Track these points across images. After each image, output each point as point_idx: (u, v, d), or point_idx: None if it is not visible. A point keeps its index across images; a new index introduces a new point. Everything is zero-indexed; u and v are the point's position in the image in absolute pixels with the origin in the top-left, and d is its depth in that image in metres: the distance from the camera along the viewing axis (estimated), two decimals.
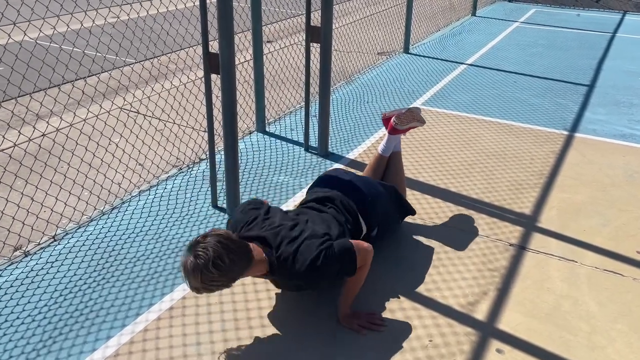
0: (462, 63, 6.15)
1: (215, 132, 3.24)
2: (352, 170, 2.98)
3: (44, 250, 2.78)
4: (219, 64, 2.81)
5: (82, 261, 2.69)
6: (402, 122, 2.97)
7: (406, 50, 6.60)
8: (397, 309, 2.40)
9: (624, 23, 8.55)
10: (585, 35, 7.59)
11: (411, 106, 3.09)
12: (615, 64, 6.20)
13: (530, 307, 2.42)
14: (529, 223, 3.06)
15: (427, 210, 3.16)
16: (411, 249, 2.83)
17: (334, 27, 3.66)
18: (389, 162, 3.02)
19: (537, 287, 2.54)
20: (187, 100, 4.18)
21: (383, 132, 4.24)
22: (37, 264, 2.68)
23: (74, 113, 3.74)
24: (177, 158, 3.85)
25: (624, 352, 2.18)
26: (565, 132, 4.31)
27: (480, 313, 2.38)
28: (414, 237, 2.92)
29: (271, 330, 2.27)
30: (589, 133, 4.30)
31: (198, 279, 1.92)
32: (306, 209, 2.50)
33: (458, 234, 2.95)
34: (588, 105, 4.91)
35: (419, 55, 6.48)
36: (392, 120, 2.97)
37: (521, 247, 2.84)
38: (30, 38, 2.98)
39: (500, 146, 4.03)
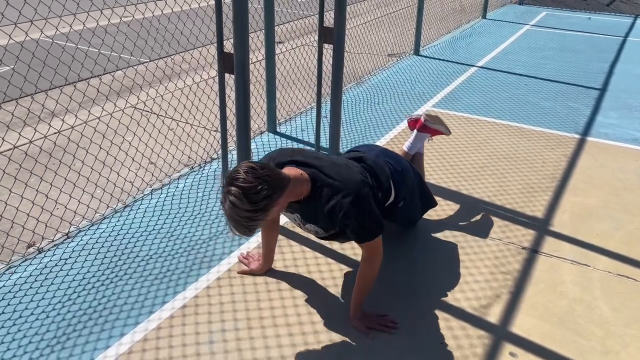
0: (472, 65, 6.14)
1: (227, 131, 3.25)
2: None
3: (57, 248, 2.81)
4: (233, 64, 2.82)
5: (95, 259, 2.71)
6: (431, 120, 3.06)
7: (417, 52, 6.60)
8: (409, 311, 2.40)
9: (636, 27, 8.50)
10: (596, 39, 7.56)
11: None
12: (627, 68, 6.17)
13: (543, 311, 2.41)
14: (541, 226, 3.05)
15: (439, 213, 3.16)
16: (423, 251, 2.82)
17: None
18: (411, 163, 3.04)
19: (549, 291, 2.54)
20: (199, 99, 4.20)
21: (394, 133, 4.25)
22: (50, 260, 2.70)
23: (89, 111, 3.77)
24: (189, 157, 3.86)
25: (637, 357, 2.17)
26: (577, 136, 4.29)
27: (493, 316, 2.37)
28: (426, 239, 2.92)
29: (284, 329, 2.27)
30: (600, 137, 4.28)
31: (237, 217, 1.87)
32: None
33: (470, 236, 2.95)
34: (600, 109, 4.89)
35: (430, 57, 6.47)
36: (422, 118, 3.05)
37: (533, 251, 2.83)
38: (47, 36, 3.01)
39: (511, 149, 4.02)
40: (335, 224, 2.16)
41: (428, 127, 3.01)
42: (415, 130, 3.13)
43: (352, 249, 2.79)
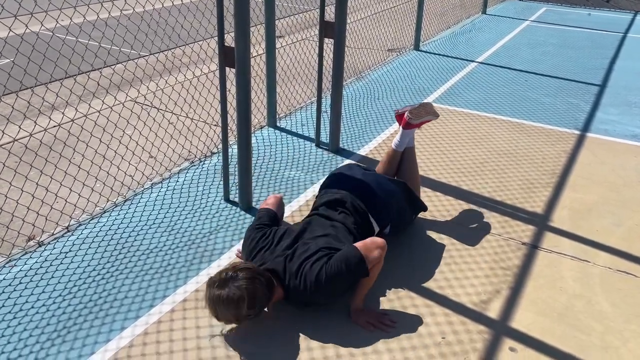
0: (472, 61, 6.14)
1: (227, 126, 3.25)
2: (364, 166, 2.98)
3: (57, 241, 2.80)
4: (234, 57, 2.81)
5: (96, 252, 2.71)
6: (416, 116, 2.98)
7: (417, 47, 6.59)
8: (409, 305, 2.41)
9: (635, 23, 8.50)
10: (596, 35, 7.55)
11: (423, 101, 3.12)
12: (627, 65, 6.17)
13: (543, 307, 2.42)
14: (541, 222, 3.05)
15: (439, 208, 3.16)
16: (423, 246, 2.83)
17: None
18: (403, 158, 3.02)
19: (549, 287, 2.54)
20: (199, 93, 4.19)
21: (394, 128, 4.24)
22: (50, 254, 2.70)
23: (89, 104, 3.76)
24: (189, 151, 3.86)
25: (637, 353, 2.18)
26: (577, 132, 4.29)
27: (493, 311, 2.38)
28: (426, 234, 2.93)
29: (284, 323, 2.28)
30: (600, 133, 4.29)
31: (233, 312, 2.08)
32: (315, 217, 2.56)
33: (470, 232, 2.95)
34: (600, 105, 4.89)
35: (430, 53, 6.46)
36: (405, 115, 2.98)
37: (533, 246, 2.84)
38: (47, 29, 2.99)
39: (511, 145, 4.03)
40: (327, 294, 2.26)
41: (412, 124, 2.98)
42: (400, 127, 3.08)
43: None
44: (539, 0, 10.19)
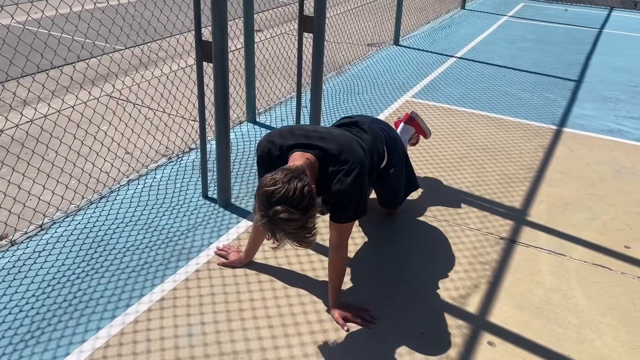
0: (451, 56, 6.16)
1: (205, 121, 3.20)
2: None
3: (30, 240, 2.74)
4: (211, 52, 2.77)
5: (71, 251, 2.65)
6: (418, 115, 3.25)
7: (396, 42, 6.59)
8: (389, 301, 2.41)
9: (611, 19, 8.63)
10: (573, 31, 7.64)
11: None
12: (603, 60, 6.26)
13: (521, 301, 2.44)
14: (518, 217, 3.08)
15: (419, 203, 3.17)
16: (402, 242, 2.83)
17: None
18: None
19: (527, 281, 2.57)
20: (177, 88, 4.13)
21: None
22: (24, 253, 2.63)
23: (62, 100, 3.67)
24: (166, 147, 3.80)
25: (612, 345, 2.22)
26: (554, 127, 4.34)
27: (472, 306, 2.39)
28: (404, 230, 2.93)
29: (263, 321, 2.26)
30: (577, 128, 4.34)
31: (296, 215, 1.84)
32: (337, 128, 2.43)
33: (449, 227, 2.96)
34: (576, 100, 4.96)
35: (409, 48, 6.47)
36: (410, 112, 3.23)
37: (511, 241, 2.86)
38: (18, 22, 2.90)
39: (490, 140, 4.05)
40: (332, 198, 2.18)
41: (414, 120, 3.13)
42: (402, 124, 3.23)
43: None
44: None
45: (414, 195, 3.24)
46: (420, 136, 3.42)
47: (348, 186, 2.12)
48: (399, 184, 2.84)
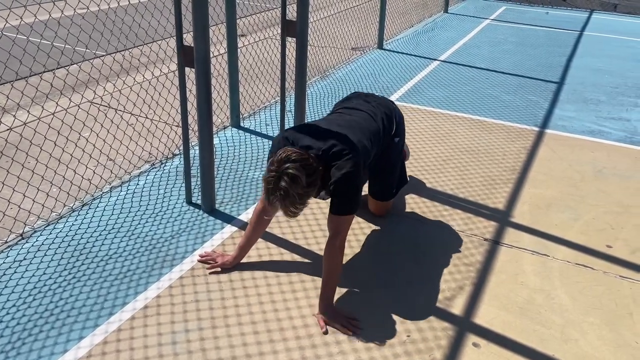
0: (435, 59, 6.20)
1: (188, 126, 3.18)
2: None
3: (11, 249, 2.69)
4: (193, 57, 2.75)
5: (52, 260, 2.61)
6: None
7: (380, 46, 6.62)
8: (374, 303, 2.40)
9: (591, 21, 8.75)
10: (554, 33, 7.74)
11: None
12: (583, 62, 6.35)
13: (505, 302, 2.45)
14: (502, 218, 3.10)
15: (402, 205, 3.18)
16: (387, 244, 2.83)
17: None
18: None
19: (511, 281, 2.58)
20: (159, 94, 4.10)
21: None
22: (4, 262, 2.59)
23: (42, 107, 3.63)
24: (149, 153, 3.77)
25: (596, 345, 2.24)
26: (536, 129, 4.38)
27: (457, 308, 2.40)
28: (390, 232, 2.93)
29: (248, 327, 2.24)
30: (558, 129, 4.39)
31: (298, 187, 2.11)
32: (343, 111, 2.74)
33: (433, 229, 2.97)
34: (557, 102, 5.01)
35: (393, 51, 6.50)
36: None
37: (495, 242, 2.88)
38: None
39: (473, 142, 4.08)
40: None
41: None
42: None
43: (317, 244, 2.78)
44: None
45: (398, 196, 3.25)
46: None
47: (343, 175, 2.26)
48: (397, 162, 2.93)
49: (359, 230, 2.93)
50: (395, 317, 2.33)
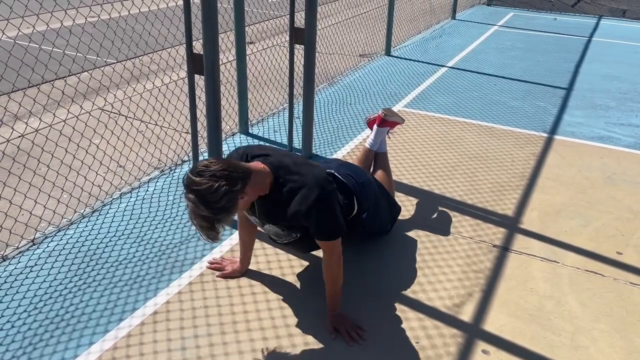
0: (442, 66, 6.21)
1: (197, 133, 3.21)
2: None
3: (22, 255, 2.72)
4: (202, 65, 2.78)
5: (63, 265, 2.63)
6: (390, 113, 3.20)
7: (388, 52, 6.63)
8: (383, 310, 2.40)
9: (600, 27, 8.73)
10: (562, 39, 7.72)
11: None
12: (592, 68, 6.32)
13: (515, 308, 2.44)
14: (511, 224, 3.09)
15: (411, 212, 3.18)
16: (396, 250, 2.83)
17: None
18: (376, 164, 3.04)
19: (520, 288, 2.57)
20: (169, 101, 4.13)
21: (366, 134, 4.25)
22: (15, 268, 2.61)
23: (54, 114, 3.67)
24: (158, 160, 3.80)
25: (606, 352, 2.22)
26: (545, 135, 4.37)
27: (466, 314, 2.39)
28: (398, 239, 2.93)
29: (257, 334, 2.25)
30: (567, 135, 4.37)
31: (201, 206, 1.85)
32: None
33: (442, 235, 2.97)
34: (566, 108, 5.00)
35: (401, 58, 6.51)
36: (380, 113, 3.18)
37: (504, 249, 2.87)
38: (9, 37, 2.90)
39: (482, 148, 4.08)
40: (298, 220, 2.12)
41: (387, 120, 3.16)
42: (375, 126, 3.20)
43: None
44: (507, 5, 10.39)
45: (407, 204, 3.25)
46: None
47: (311, 204, 2.05)
48: (378, 221, 2.73)
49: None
50: (404, 323, 2.33)
